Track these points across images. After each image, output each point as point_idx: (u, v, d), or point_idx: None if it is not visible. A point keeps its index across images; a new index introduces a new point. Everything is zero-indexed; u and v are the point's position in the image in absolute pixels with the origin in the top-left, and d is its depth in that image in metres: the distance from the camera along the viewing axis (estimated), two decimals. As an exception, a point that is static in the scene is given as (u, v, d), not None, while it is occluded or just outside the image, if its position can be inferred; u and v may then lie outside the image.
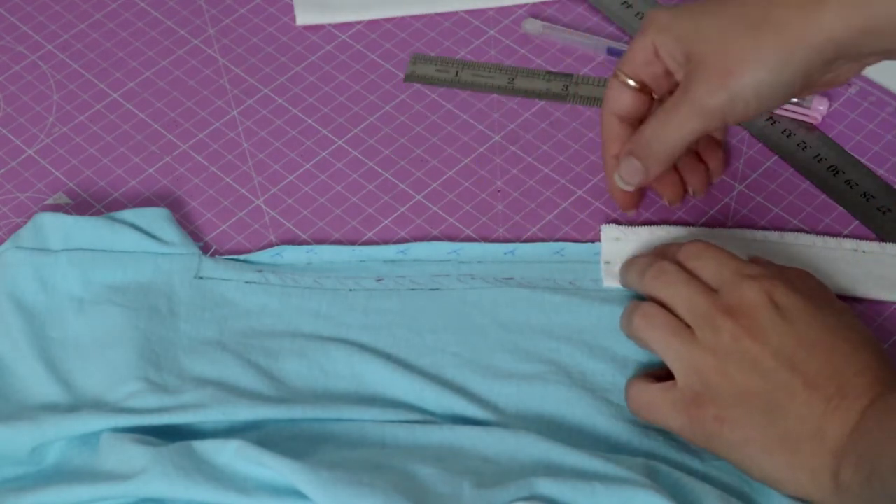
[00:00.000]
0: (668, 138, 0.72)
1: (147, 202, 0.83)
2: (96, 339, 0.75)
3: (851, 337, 0.66)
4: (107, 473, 0.68)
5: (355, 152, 0.85)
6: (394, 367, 0.73)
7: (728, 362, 0.66)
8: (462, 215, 0.81)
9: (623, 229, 0.78)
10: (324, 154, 0.85)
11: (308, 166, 0.84)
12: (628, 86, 0.74)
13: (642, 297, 0.72)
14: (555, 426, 0.71)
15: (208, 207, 0.83)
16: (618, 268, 0.75)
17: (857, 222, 0.80)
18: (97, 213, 0.81)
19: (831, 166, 0.82)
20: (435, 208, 0.82)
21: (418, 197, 0.82)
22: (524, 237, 0.80)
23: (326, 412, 0.71)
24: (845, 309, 0.69)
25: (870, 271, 0.76)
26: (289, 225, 0.81)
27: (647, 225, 0.78)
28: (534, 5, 0.92)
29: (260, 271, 0.78)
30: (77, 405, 0.72)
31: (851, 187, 0.81)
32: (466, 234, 0.81)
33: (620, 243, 0.77)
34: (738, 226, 0.80)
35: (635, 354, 0.73)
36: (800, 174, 0.82)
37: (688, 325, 0.68)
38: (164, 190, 0.84)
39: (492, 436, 0.69)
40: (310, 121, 0.87)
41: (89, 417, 0.70)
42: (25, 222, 0.80)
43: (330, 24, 0.92)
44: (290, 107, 0.87)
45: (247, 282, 0.77)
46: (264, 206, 0.82)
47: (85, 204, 0.83)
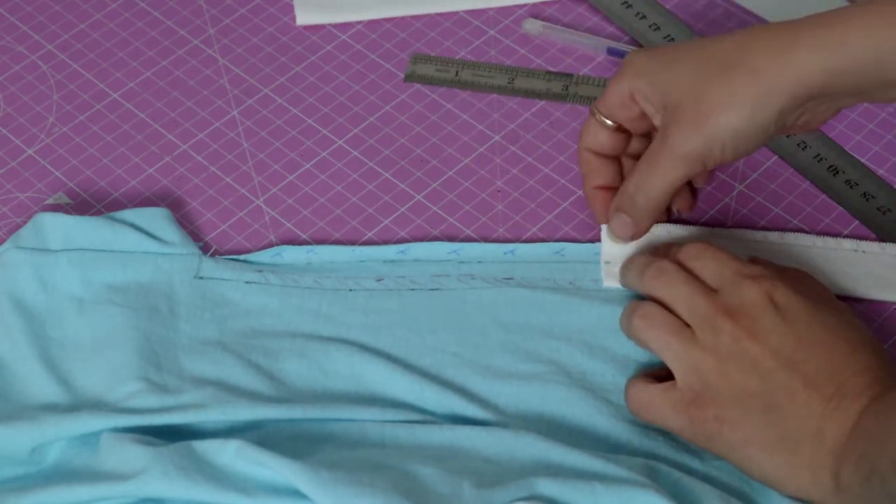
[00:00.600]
0: (652, 191, 0.72)
1: (147, 202, 0.83)
2: (96, 339, 0.75)
3: (851, 337, 0.66)
4: (107, 473, 0.68)
5: (355, 152, 0.85)
6: (394, 367, 0.73)
7: (728, 362, 0.66)
8: (462, 215, 0.81)
9: None
10: (324, 154, 0.85)
11: (308, 166, 0.84)
12: (605, 125, 0.74)
13: (642, 297, 0.72)
14: (555, 426, 0.71)
15: (208, 207, 0.83)
16: (618, 268, 0.75)
17: (857, 222, 0.80)
18: (97, 213, 0.81)
19: (831, 166, 0.82)
20: (435, 208, 0.82)
21: (418, 197, 0.82)
22: (524, 237, 0.80)
23: (326, 412, 0.71)
24: (845, 309, 0.69)
25: (870, 271, 0.76)
26: (289, 225, 0.81)
27: None
28: (534, 5, 0.92)
29: (260, 271, 0.78)
30: (77, 405, 0.72)
31: (851, 187, 0.81)
32: (466, 234, 0.81)
33: (620, 243, 0.77)
34: (738, 226, 0.80)
35: (635, 354, 0.73)
36: (800, 174, 0.82)
37: (687, 325, 0.68)
38: (164, 190, 0.84)
39: (492, 436, 0.69)
40: (310, 121, 0.87)
41: (89, 417, 0.70)
42: (25, 222, 0.79)
43: (330, 24, 0.92)
44: (290, 107, 0.87)
45: (247, 282, 0.77)
46: (264, 206, 0.82)
47: (85, 204, 0.83)
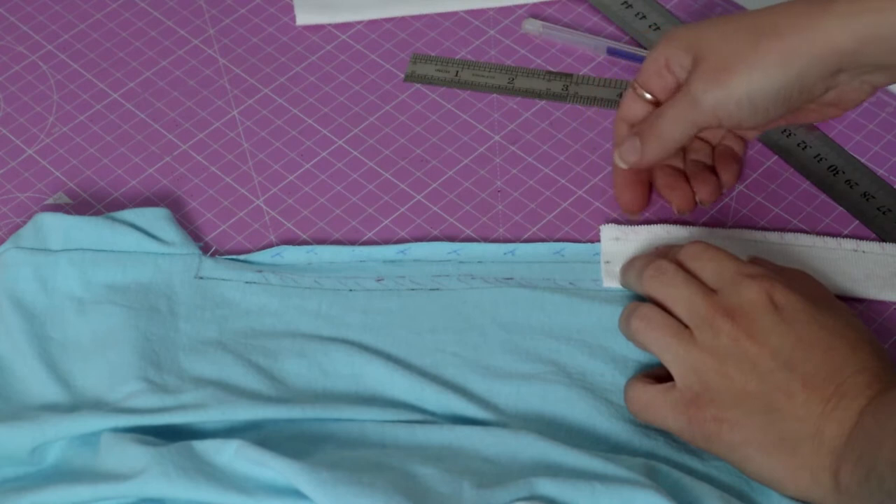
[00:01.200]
0: (663, 129, 0.73)
1: (147, 202, 0.83)
2: (96, 339, 0.75)
3: (850, 336, 0.66)
4: (107, 473, 0.68)
5: (355, 152, 0.85)
6: (394, 367, 0.73)
7: (727, 363, 0.66)
8: (462, 215, 0.81)
9: (623, 229, 0.78)
10: (324, 154, 0.85)
11: (308, 166, 0.84)
12: (642, 97, 0.75)
13: (642, 298, 0.72)
14: (555, 426, 0.71)
15: (208, 207, 0.83)
16: (618, 268, 0.75)
17: (857, 222, 0.80)
18: (97, 213, 0.81)
19: (831, 166, 0.82)
20: (435, 208, 0.82)
21: (418, 197, 0.82)
22: (524, 237, 0.80)
23: (326, 412, 0.71)
24: (844, 308, 0.69)
25: (870, 271, 0.76)
26: (289, 225, 0.81)
27: (646, 224, 0.78)
28: (534, 5, 0.92)
29: (260, 271, 0.78)
30: (77, 405, 0.72)
31: (851, 187, 0.81)
32: (466, 234, 0.81)
33: (620, 243, 0.77)
34: (738, 226, 0.80)
35: (635, 354, 0.73)
36: (800, 174, 0.82)
37: (686, 326, 0.68)
38: (164, 190, 0.84)
39: (492, 436, 0.69)
40: (310, 121, 0.87)
41: (89, 417, 0.70)
42: (25, 222, 0.80)
43: (330, 24, 0.92)
44: (290, 107, 0.87)
45: (247, 282, 0.77)
46: (264, 206, 0.82)
47: (85, 204, 0.83)
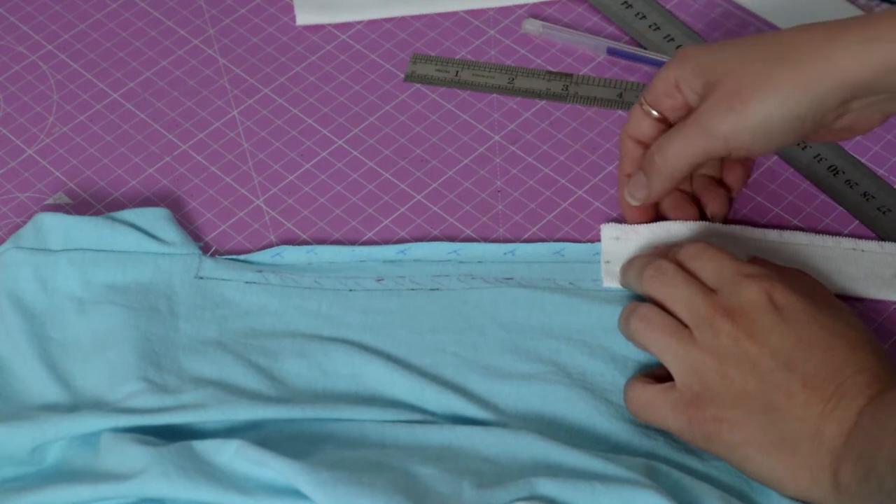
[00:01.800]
0: (670, 157, 0.72)
1: (147, 202, 0.83)
2: (96, 339, 0.75)
3: (850, 336, 0.66)
4: (107, 473, 0.68)
5: (355, 152, 0.85)
6: (394, 367, 0.73)
7: (727, 363, 0.66)
8: (462, 215, 0.81)
9: (623, 228, 0.77)
10: (324, 154, 0.85)
11: (308, 166, 0.84)
12: (649, 114, 0.74)
13: (642, 298, 0.72)
14: (555, 426, 0.71)
15: (208, 207, 0.83)
16: (618, 267, 0.75)
17: (857, 222, 0.80)
18: (97, 213, 0.81)
19: (831, 166, 0.82)
20: (435, 208, 0.82)
21: (418, 197, 0.82)
22: (524, 237, 0.80)
23: (326, 412, 0.71)
24: (843, 308, 0.69)
25: (869, 270, 0.76)
26: (289, 225, 0.81)
27: (647, 224, 0.78)
28: (534, 5, 0.92)
29: (260, 271, 0.78)
30: (77, 405, 0.72)
31: (851, 187, 0.81)
32: (466, 234, 0.81)
33: (620, 242, 0.76)
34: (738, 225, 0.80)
35: (635, 354, 0.73)
36: (800, 174, 0.82)
37: (686, 326, 0.68)
38: (164, 190, 0.84)
39: (492, 436, 0.69)
40: (310, 121, 0.87)
41: (89, 417, 0.70)
42: (25, 222, 0.80)
43: (330, 24, 0.92)
44: (290, 107, 0.87)
45: (247, 282, 0.77)
46: (264, 206, 0.82)
47: (85, 204, 0.83)
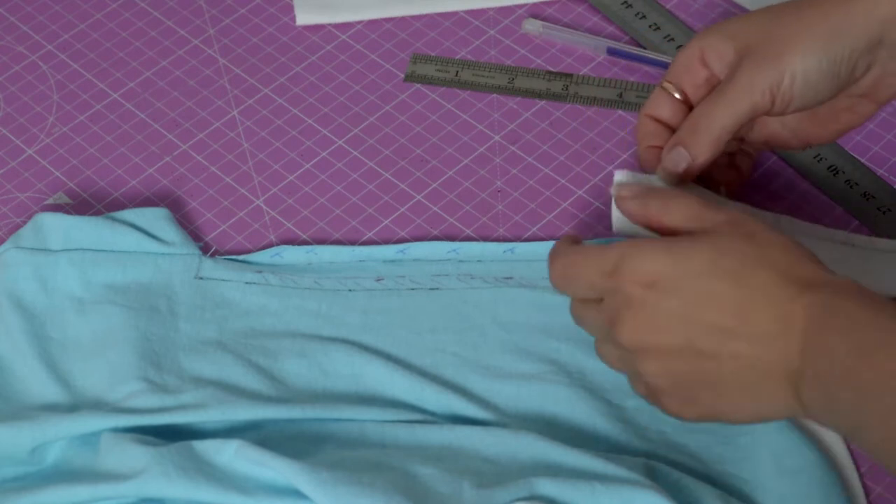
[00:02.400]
0: (716, 120, 0.70)
1: (147, 202, 0.83)
2: (96, 339, 0.75)
3: (745, 261, 0.62)
4: (107, 473, 0.68)
5: (355, 152, 0.85)
6: (394, 367, 0.73)
7: (648, 362, 0.64)
8: (462, 215, 0.82)
9: (637, 176, 0.73)
10: (324, 154, 0.85)
11: (308, 166, 0.84)
12: (670, 94, 0.73)
13: None
14: (555, 426, 0.71)
15: (208, 207, 0.83)
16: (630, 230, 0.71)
17: (857, 222, 0.80)
18: (97, 213, 0.81)
19: (831, 166, 0.82)
20: (435, 208, 0.82)
21: (418, 197, 0.82)
22: (524, 237, 0.80)
23: (326, 412, 0.71)
24: (715, 231, 0.65)
25: (858, 265, 0.75)
26: (289, 225, 0.82)
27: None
28: (534, 5, 0.92)
29: (260, 271, 0.78)
30: (77, 405, 0.72)
31: (851, 187, 0.81)
32: (466, 234, 0.81)
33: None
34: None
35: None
36: (800, 174, 0.82)
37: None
38: (164, 190, 0.84)
39: (492, 436, 0.69)
40: (310, 121, 0.87)
41: (89, 417, 0.70)
42: (25, 222, 0.80)
43: (330, 24, 0.92)
44: (290, 107, 0.87)
45: (247, 282, 0.77)
46: (264, 206, 0.82)
47: (85, 204, 0.83)
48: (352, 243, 0.80)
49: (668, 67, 0.74)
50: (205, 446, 0.67)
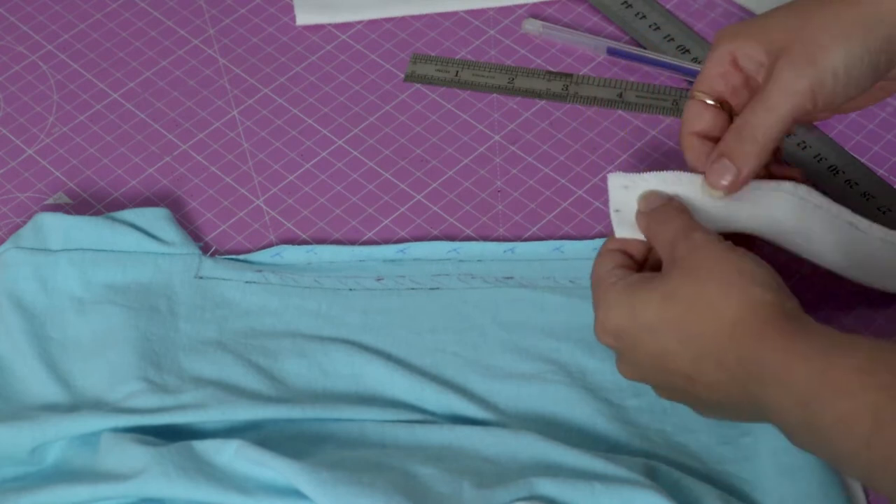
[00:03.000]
0: (759, 128, 0.67)
1: (147, 202, 0.83)
2: (96, 339, 0.75)
3: (689, 310, 0.63)
4: (107, 473, 0.68)
5: (355, 152, 0.85)
6: (394, 367, 0.73)
7: (652, 387, 0.68)
8: (462, 215, 0.82)
9: (630, 177, 0.72)
10: (324, 154, 0.85)
11: (308, 166, 0.84)
12: (706, 104, 0.70)
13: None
14: (555, 426, 0.71)
15: (208, 207, 0.83)
16: (628, 216, 0.70)
17: (857, 222, 0.80)
18: (97, 213, 0.81)
19: (831, 166, 0.82)
20: (435, 208, 0.82)
21: (418, 197, 0.83)
22: (524, 237, 0.80)
23: (326, 412, 0.71)
24: (674, 269, 0.65)
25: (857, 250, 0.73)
26: (289, 225, 0.82)
27: (655, 171, 0.72)
28: (534, 5, 0.92)
29: (260, 271, 0.78)
30: (77, 405, 0.72)
31: (851, 187, 0.81)
32: (466, 234, 0.81)
33: (629, 191, 0.71)
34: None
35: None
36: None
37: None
38: (164, 190, 0.84)
39: (492, 436, 0.69)
40: (310, 121, 0.87)
41: (89, 417, 0.70)
42: (25, 222, 0.80)
43: (330, 24, 0.92)
44: (290, 107, 0.87)
45: (247, 282, 0.77)
46: (264, 206, 0.82)
47: (85, 204, 0.83)
48: (352, 243, 0.80)
49: (697, 77, 0.71)
50: (205, 446, 0.67)
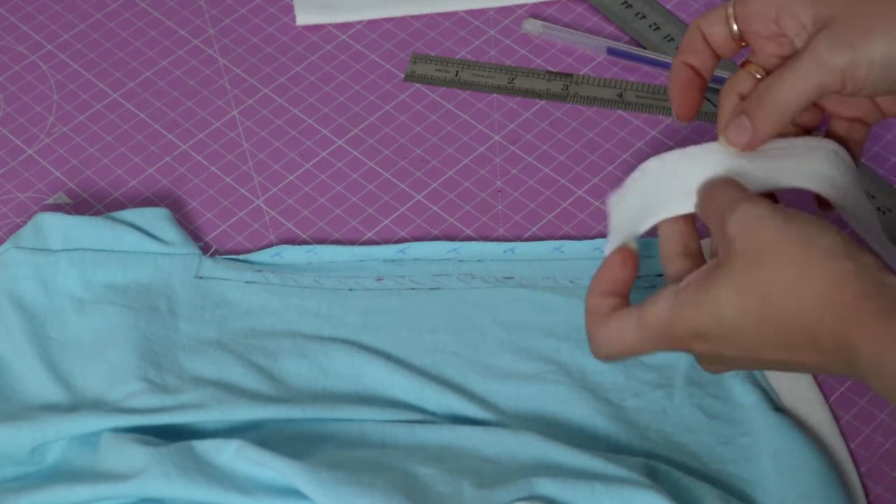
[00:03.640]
0: (780, 95, 0.66)
1: (147, 202, 0.83)
2: (96, 339, 0.75)
3: (768, 297, 0.60)
4: (107, 473, 0.68)
5: (355, 152, 0.85)
6: (394, 367, 0.73)
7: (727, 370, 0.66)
8: (462, 215, 0.82)
9: (621, 190, 0.69)
10: (324, 154, 0.85)
11: (308, 166, 0.84)
12: (728, 24, 0.68)
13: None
14: (555, 426, 0.71)
15: (208, 207, 0.83)
16: (623, 238, 0.67)
17: (857, 222, 0.80)
18: (97, 213, 0.81)
19: (831, 166, 0.82)
20: (435, 208, 0.82)
21: (418, 197, 0.82)
22: (524, 237, 0.80)
23: (326, 412, 0.71)
24: (724, 261, 0.62)
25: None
26: (289, 225, 0.82)
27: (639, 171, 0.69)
28: (534, 5, 0.92)
29: (260, 271, 0.78)
30: (77, 405, 0.72)
31: (851, 187, 0.81)
32: (466, 234, 0.81)
33: (623, 204, 0.69)
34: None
35: (635, 354, 0.73)
36: (800, 174, 0.82)
37: None
38: (164, 190, 0.84)
39: (492, 436, 0.69)
40: (310, 121, 0.87)
41: (89, 417, 0.70)
42: (25, 222, 0.80)
43: (330, 24, 0.92)
44: (290, 107, 0.87)
45: (247, 282, 0.77)
46: (264, 206, 0.82)
47: (85, 204, 0.83)
48: (352, 243, 0.80)
49: (737, 7, 0.69)
50: (205, 446, 0.67)
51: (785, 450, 0.68)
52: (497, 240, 0.80)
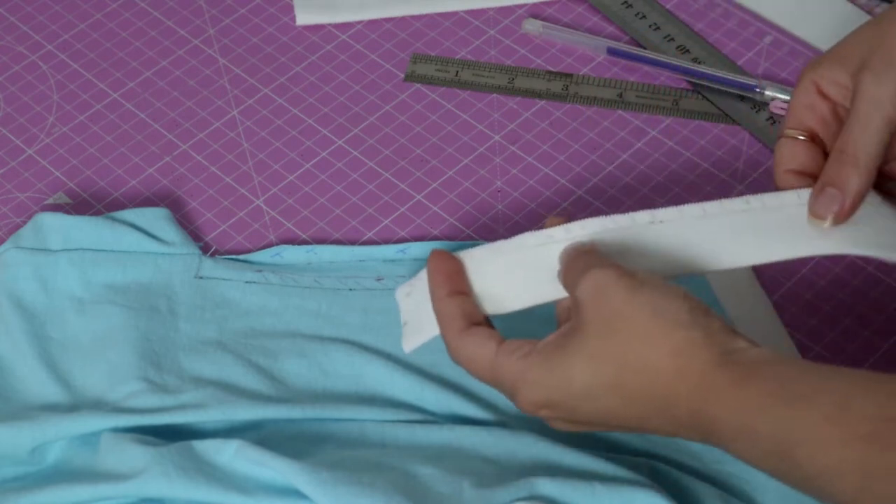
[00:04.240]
0: (859, 148, 0.64)
1: (147, 202, 0.83)
2: (96, 339, 0.75)
3: (622, 370, 0.60)
4: (107, 473, 0.68)
5: (355, 152, 0.85)
6: (394, 367, 0.73)
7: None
8: (462, 215, 0.82)
9: (410, 282, 0.69)
10: (324, 154, 0.85)
11: (308, 166, 0.84)
12: (797, 140, 0.68)
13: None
14: (555, 426, 0.71)
15: (208, 207, 0.83)
16: (413, 326, 0.67)
17: (857, 222, 0.79)
18: (97, 213, 0.81)
19: (831, 166, 0.82)
20: (435, 208, 0.82)
21: (418, 197, 0.83)
22: (524, 237, 0.80)
23: (326, 412, 0.71)
24: (584, 326, 0.61)
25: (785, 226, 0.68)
26: (289, 225, 0.82)
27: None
28: (534, 5, 0.92)
29: (260, 271, 0.78)
30: (77, 405, 0.72)
31: (851, 187, 0.81)
32: (466, 234, 0.81)
33: (411, 297, 0.69)
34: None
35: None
36: (800, 174, 0.82)
37: None
38: (164, 190, 0.84)
39: (492, 436, 0.69)
40: (310, 121, 0.87)
41: (89, 417, 0.70)
42: (25, 222, 0.80)
43: (330, 24, 0.92)
44: (290, 107, 0.87)
45: (247, 282, 0.77)
46: (264, 206, 0.82)
47: (85, 204, 0.83)
48: (352, 243, 0.80)
49: (787, 113, 0.69)
50: (205, 446, 0.67)
51: (785, 450, 0.68)
52: (497, 240, 0.80)
